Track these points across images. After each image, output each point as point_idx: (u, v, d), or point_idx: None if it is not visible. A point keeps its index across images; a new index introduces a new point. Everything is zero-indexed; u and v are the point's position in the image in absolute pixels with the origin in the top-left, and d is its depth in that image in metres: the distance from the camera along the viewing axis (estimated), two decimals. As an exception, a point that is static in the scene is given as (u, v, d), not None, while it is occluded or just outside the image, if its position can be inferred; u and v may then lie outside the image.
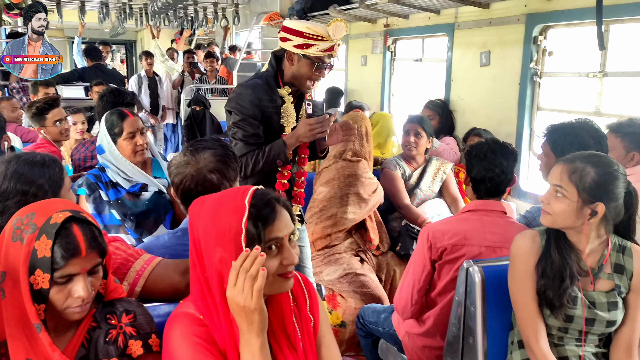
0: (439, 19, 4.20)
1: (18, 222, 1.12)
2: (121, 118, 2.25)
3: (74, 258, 1.09)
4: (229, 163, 1.57)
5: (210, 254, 1.15)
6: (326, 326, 1.35)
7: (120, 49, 16.00)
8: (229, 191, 1.23)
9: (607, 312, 1.62)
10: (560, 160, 1.64)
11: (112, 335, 1.18)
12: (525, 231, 1.74)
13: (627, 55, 2.98)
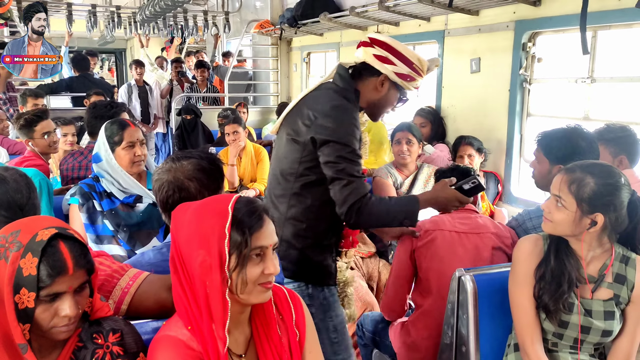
0: (429, 26, 4.21)
1: (2, 239, 1.09)
2: (122, 127, 2.23)
3: (60, 276, 1.07)
4: (211, 174, 1.54)
5: (191, 258, 1.14)
6: (313, 341, 1.35)
7: (109, 57, 15.94)
8: (214, 197, 1.23)
9: (603, 321, 1.61)
10: (562, 170, 1.63)
11: (98, 355, 1.16)
12: (530, 235, 1.75)
13: (615, 60, 3.00)
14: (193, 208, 1.19)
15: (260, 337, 1.25)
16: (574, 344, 1.66)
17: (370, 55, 1.85)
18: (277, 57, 6.94)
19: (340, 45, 5.65)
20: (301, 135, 1.81)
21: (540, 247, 1.68)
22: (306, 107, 1.84)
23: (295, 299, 1.35)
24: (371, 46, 1.86)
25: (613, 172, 1.57)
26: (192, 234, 1.15)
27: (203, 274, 1.13)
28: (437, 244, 2.06)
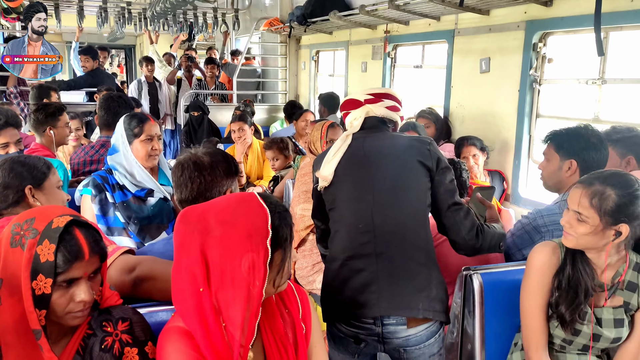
0: (439, 25, 4.20)
1: (17, 227, 1.11)
2: (142, 121, 2.30)
3: (77, 262, 1.10)
4: (223, 153, 1.67)
5: (235, 263, 1.13)
6: (318, 336, 1.36)
7: (119, 53, 16.02)
8: (232, 199, 1.23)
9: (613, 329, 1.62)
10: (578, 184, 1.60)
11: (107, 342, 1.17)
12: (546, 242, 1.71)
13: (626, 62, 2.98)
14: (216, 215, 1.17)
15: (266, 329, 1.26)
16: (582, 349, 1.66)
17: (383, 109, 1.92)
18: (286, 55, 6.95)
19: (349, 44, 5.65)
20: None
21: (557, 256, 1.66)
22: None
23: (302, 294, 1.36)
24: (379, 100, 1.93)
25: (631, 180, 1.55)
26: (230, 240, 1.14)
27: (250, 275, 1.13)
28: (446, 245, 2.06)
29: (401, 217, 1.74)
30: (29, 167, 1.84)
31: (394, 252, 1.71)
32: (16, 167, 1.82)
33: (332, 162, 1.81)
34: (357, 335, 1.71)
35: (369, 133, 1.87)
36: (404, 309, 1.67)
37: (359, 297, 1.68)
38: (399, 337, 1.69)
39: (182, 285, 1.15)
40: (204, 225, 1.15)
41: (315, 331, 1.35)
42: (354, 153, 1.82)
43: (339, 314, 1.73)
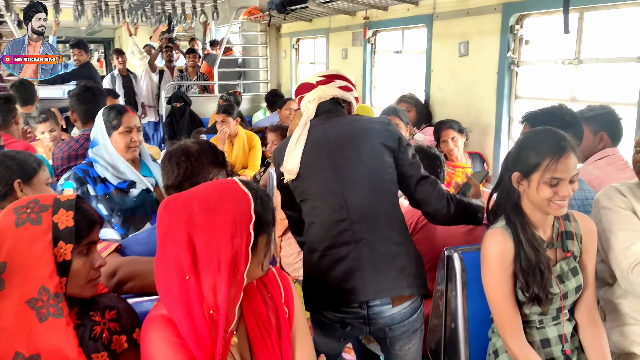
0: (417, 10, 4.22)
1: (20, 209, 1.14)
2: (120, 112, 2.29)
3: (95, 226, 1.19)
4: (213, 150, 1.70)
5: (221, 248, 1.14)
6: (301, 319, 1.39)
7: (98, 47, 15.80)
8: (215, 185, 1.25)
9: (573, 279, 1.70)
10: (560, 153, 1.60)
11: (96, 331, 1.19)
12: (494, 230, 1.72)
13: (602, 42, 3.03)
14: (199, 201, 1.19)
15: (249, 314, 1.29)
16: (557, 314, 1.72)
17: (335, 89, 1.93)
18: (266, 44, 6.93)
19: (329, 31, 5.65)
20: None
21: (509, 240, 1.68)
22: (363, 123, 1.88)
23: (284, 279, 1.39)
24: (330, 81, 1.94)
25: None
26: (216, 226, 1.15)
27: (235, 260, 1.15)
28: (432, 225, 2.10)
29: (373, 201, 1.77)
30: (19, 162, 1.85)
31: (372, 237, 1.74)
32: (7, 160, 1.83)
33: (295, 153, 1.81)
34: (344, 320, 1.74)
35: (327, 119, 1.88)
36: (390, 290, 1.71)
37: (344, 284, 1.70)
38: (384, 317, 1.73)
39: (167, 274, 1.16)
40: (188, 214, 1.17)
41: (298, 315, 1.37)
42: (317, 142, 1.83)
43: (325, 302, 1.75)
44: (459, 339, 1.87)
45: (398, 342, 1.81)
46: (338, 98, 1.94)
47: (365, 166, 1.78)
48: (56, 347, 1.10)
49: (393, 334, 1.77)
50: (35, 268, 1.10)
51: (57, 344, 1.10)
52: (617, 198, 1.85)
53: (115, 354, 1.20)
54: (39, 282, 1.10)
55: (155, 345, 1.15)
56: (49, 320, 1.10)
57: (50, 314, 1.10)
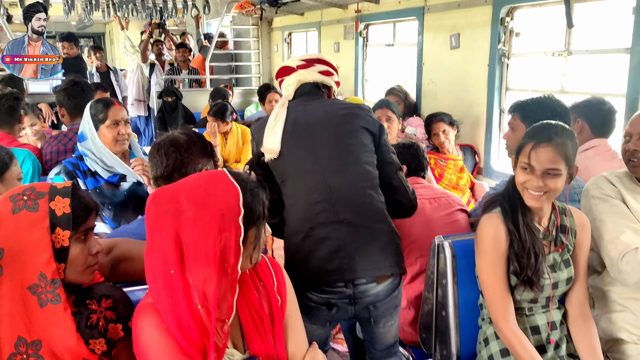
0: (409, 2, 4.24)
1: (16, 195, 1.15)
2: (107, 106, 2.27)
3: (92, 212, 1.20)
4: (202, 140, 1.71)
5: (208, 242, 1.13)
6: (294, 307, 1.40)
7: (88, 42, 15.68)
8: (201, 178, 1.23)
9: (565, 270, 1.73)
10: (539, 143, 1.63)
11: (92, 320, 1.20)
12: (489, 215, 1.75)
13: (591, 33, 3.06)
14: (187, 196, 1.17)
15: (241, 302, 1.29)
16: (546, 302, 1.75)
17: (315, 74, 1.94)
18: (258, 38, 6.92)
19: (321, 25, 5.65)
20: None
21: (504, 225, 1.71)
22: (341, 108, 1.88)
23: (276, 267, 1.39)
24: (310, 65, 1.95)
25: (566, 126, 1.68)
26: (203, 218, 1.14)
27: (224, 254, 1.14)
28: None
29: (353, 182, 1.78)
30: None
31: (354, 217, 1.75)
32: None
33: (276, 132, 1.81)
34: (329, 301, 1.75)
35: (307, 101, 1.89)
36: (374, 269, 1.73)
37: (329, 264, 1.71)
38: (369, 295, 1.75)
39: (154, 266, 1.16)
40: (175, 207, 1.16)
41: (291, 302, 1.38)
42: (297, 123, 1.83)
43: (310, 283, 1.75)
44: (450, 327, 1.89)
45: (382, 319, 1.83)
46: (318, 82, 1.95)
47: (345, 147, 1.80)
48: (56, 333, 1.11)
49: (377, 311, 1.79)
50: (33, 254, 1.11)
51: (57, 329, 1.11)
52: (606, 187, 1.87)
53: (112, 341, 1.21)
54: (37, 268, 1.11)
55: (146, 333, 1.15)
56: (48, 306, 1.11)
57: (49, 300, 1.11)
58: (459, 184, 3.45)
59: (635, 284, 1.78)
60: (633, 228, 1.78)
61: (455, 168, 3.46)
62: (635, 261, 1.73)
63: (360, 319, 1.88)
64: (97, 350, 1.17)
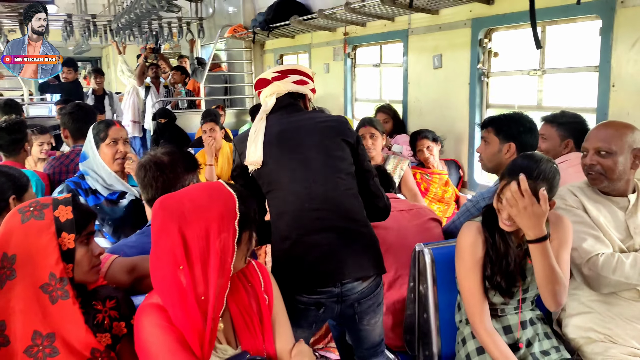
0: (394, 25, 4.42)
1: (24, 208, 1.29)
2: (107, 125, 2.42)
3: (92, 218, 1.35)
4: (182, 152, 1.84)
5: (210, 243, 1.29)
6: (280, 305, 1.54)
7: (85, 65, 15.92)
8: (204, 186, 1.40)
9: None
10: (513, 181, 1.73)
11: (98, 319, 1.34)
12: (470, 223, 1.90)
13: (563, 52, 3.24)
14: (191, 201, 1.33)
15: (232, 302, 1.43)
16: (517, 304, 1.88)
17: (290, 84, 2.04)
18: (251, 60, 7.11)
19: (311, 47, 5.84)
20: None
21: (482, 234, 1.85)
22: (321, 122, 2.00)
23: (263, 269, 1.54)
24: (285, 76, 2.05)
25: (553, 170, 1.75)
26: (205, 220, 1.30)
27: (222, 252, 1.30)
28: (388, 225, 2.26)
29: (336, 191, 1.90)
30: (12, 178, 1.91)
31: (341, 223, 1.88)
32: (0, 177, 1.88)
33: (257, 143, 1.91)
34: (319, 301, 1.87)
35: (288, 113, 1.99)
36: (359, 270, 1.87)
37: (320, 268, 1.84)
38: (355, 292, 1.88)
39: (162, 265, 1.30)
40: (181, 210, 1.31)
41: (277, 301, 1.52)
42: (281, 136, 1.93)
43: (302, 286, 1.86)
44: (431, 329, 2.02)
45: (366, 317, 1.95)
46: (293, 92, 2.05)
47: (329, 158, 1.92)
48: (67, 326, 1.25)
49: (361, 307, 1.91)
50: (43, 257, 1.25)
51: (68, 323, 1.25)
52: (569, 198, 2.02)
53: (116, 337, 1.35)
54: (47, 269, 1.25)
55: (147, 330, 1.29)
56: (59, 302, 1.25)
57: (59, 297, 1.25)
58: (444, 197, 3.60)
59: (598, 288, 1.91)
60: (594, 235, 1.92)
61: (441, 182, 3.61)
62: (597, 267, 1.87)
63: (346, 318, 1.98)
64: (103, 342, 1.31)
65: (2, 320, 1.24)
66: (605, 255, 1.88)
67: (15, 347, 1.23)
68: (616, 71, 2.73)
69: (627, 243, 1.94)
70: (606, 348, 1.92)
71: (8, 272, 1.24)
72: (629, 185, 1.98)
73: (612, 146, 1.91)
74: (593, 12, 2.83)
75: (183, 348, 1.26)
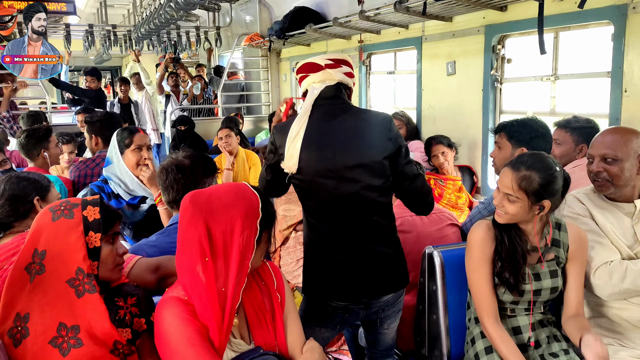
0: (408, 33, 4.47)
1: (54, 207, 1.38)
2: (132, 132, 2.53)
3: (118, 219, 1.43)
4: (202, 156, 1.92)
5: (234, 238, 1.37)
6: (291, 303, 1.60)
7: (105, 74, 16.25)
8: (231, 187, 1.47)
9: (550, 280, 1.88)
10: (507, 167, 1.84)
11: (120, 314, 1.41)
12: (481, 221, 1.95)
13: (576, 58, 3.26)
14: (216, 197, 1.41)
15: (246, 300, 1.49)
16: (528, 306, 1.90)
17: (342, 75, 1.93)
18: (268, 68, 7.21)
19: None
20: None
21: (492, 231, 1.90)
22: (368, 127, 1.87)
23: (275, 269, 1.61)
24: (338, 66, 1.93)
25: (550, 164, 1.80)
26: (231, 217, 1.38)
27: (243, 249, 1.37)
28: (405, 229, 2.31)
29: (370, 212, 1.86)
30: (33, 181, 2.02)
31: (371, 245, 1.89)
32: (22, 181, 2.00)
33: (295, 146, 1.82)
34: (347, 307, 1.93)
35: (331, 112, 1.87)
36: (388, 288, 1.94)
37: (350, 283, 1.89)
38: (381, 302, 1.95)
39: (189, 256, 1.37)
40: (209, 206, 1.39)
41: (288, 299, 1.58)
42: (319, 144, 1.83)
43: (334, 293, 1.91)
44: (440, 329, 2.06)
45: (387, 321, 2.03)
46: (342, 83, 1.94)
47: (364, 172, 1.83)
48: (92, 318, 1.33)
49: (385, 314, 2.00)
50: (71, 253, 1.33)
51: (93, 315, 1.32)
52: (575, 206, 2.04)
53: (137, 332, 1.42)
54: (75, 265, 1.33)
55: (167, 321, 1.35)
56: (85, 296, 1.33)
57: (86, 291, 1.33)
58: (458, 203, 3.63)
59: (608, 296, 1.93)
60: (601, 243, 1.94)
61: (454, 188, 3.64)
62: (606, 275, 1.89)
63: (369, 322, 2.05)
64: (124, 337, 1.38)
65: (26, 312, 1.31)
66: (613, 263, 1.90)
67: (33, 340, 1.30)
68: (628, 77, 2.75)
69: (635, 249, 1.95)
70: (615, 351, 1.93)
71: (38, 267, 1.32)
72: (635, 190, 1.99)
73: (618, 153, 1.93)
74: (605, 18, 2.85)
75: (202, 339, 1.32)
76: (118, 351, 1.35)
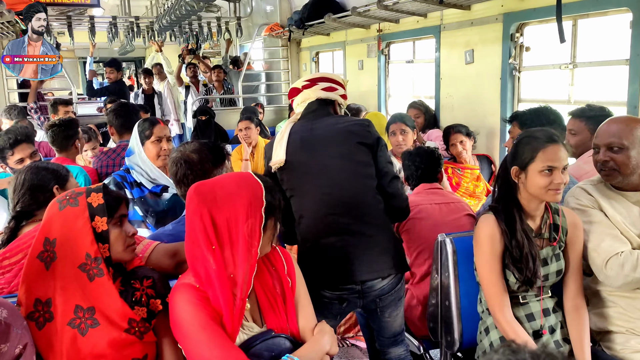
0: (426, 22, 4.47)
1: (61, 197, 1.45)
2: (152, 124, 2.59)
3: (123, 202, 1.49)
4: (211, 149, 1.95)
5: (238, 227, 1.41)
6: (302, 287, 1.65)
7: (129, 65, 16.46)
8: (236, 176, 1.52)
9: (555, 263, 1.91)
10: (550, 144, 1.82)
11: (137, 296, 1.48)
12: (486, 216, 1.95)
13: (594, 46, 3.23)
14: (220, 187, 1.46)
15: (258, 284, 1.55)
16: (538, 292, 1.93)
17: (318, 91, 2.15)
18: (288, 58, 7.25)
19: (345, 44, 5.93)
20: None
21: (499, 225, 1.89)
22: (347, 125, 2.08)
23: (286, 254, 1.65)
24: (314, 84, 2.17)
25: None
26: (234, 206, 1.42)
27: (250, 237, 1.42)
28: (423, 216, 2.34)
29: (354, 195, 2.00)
30: (52, 170, 2.07)
31: (359, 226, 1.98)
32: (41, 170, 2.05)
33: (281, 144, 2.04)
34: (341, 297, 1.99)
35: (314, 119, 2.10)
36: (379, 270, 1.98)
37: (340, 267, 1.96)
38: (375, 290, 1.99)
39: (196, 245, 1.43)
40: (213, 196, 1.44)
41: (299, 283, 1.63)
42: (305, 140, 2.04)
43: (324, 283, 1.98)
44: (452, 316, 2.09)
45: (387, 310, 2.07)
46: (323, 98, 2.16)
47: (348, 163, 2.01)
48: (105, 300, 1.40)
49: (383, 303, 2.03)
50: (79, 239, 1.40)
51: (105, 297, 1.40)
52: (583, 198, 2.03)
53: (152, 312, 1.49)
54: (84, 250, 1.40)
55: (180, 307, 1.42)
56: (96, 279, 1.40)
57: (95, 275, 1.40)
58: (476, 192, 3.63)
59: (620, 287, 1.92)
60: (611, 234, 1.93)
61: (472, 177, 3.64)
62: (618, 266, 1.89)
63: (369, 311, 2.10)
64: (139, 315, 1.45)
65: (48, 298, 1.39)
66: (624, 253, 1.89)
67: (58, 322, 1.39)
68: (647, 64, 2.72)
69: None
70: (627, 339, 1.95)
71: (51, 255, 1.39)
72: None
73: (624, 140, 1.92)
74: (624, 5, 2.82)
75: (214, 322, 1.39)
76: (134, 329, 1.42)
